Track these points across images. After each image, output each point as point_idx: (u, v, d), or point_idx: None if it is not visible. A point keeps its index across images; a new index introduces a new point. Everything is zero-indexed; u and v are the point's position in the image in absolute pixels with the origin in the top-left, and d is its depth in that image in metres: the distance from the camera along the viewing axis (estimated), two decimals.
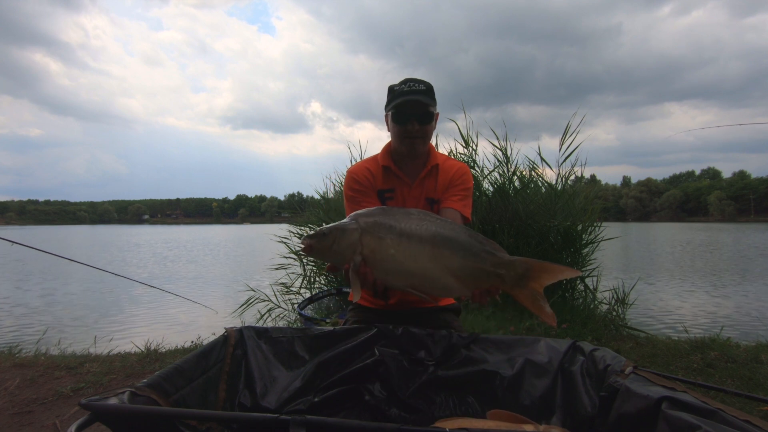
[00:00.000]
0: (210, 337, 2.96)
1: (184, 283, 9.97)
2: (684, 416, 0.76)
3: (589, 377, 1.09)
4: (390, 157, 1.47)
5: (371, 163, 1.52)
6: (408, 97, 1.37)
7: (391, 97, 1.42)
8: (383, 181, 1.48)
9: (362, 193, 1.45)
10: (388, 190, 1.47)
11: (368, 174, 1.48)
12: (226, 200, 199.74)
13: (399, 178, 1.46)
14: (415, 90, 1.38)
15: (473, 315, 3.26)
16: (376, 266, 0.99)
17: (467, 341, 1.30)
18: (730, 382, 2.35)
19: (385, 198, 1.47)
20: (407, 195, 1.47)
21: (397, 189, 1.47)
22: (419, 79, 1.43)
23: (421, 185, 1.47)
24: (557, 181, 4.24)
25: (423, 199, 1.47)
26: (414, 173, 1.47)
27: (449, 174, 1.47)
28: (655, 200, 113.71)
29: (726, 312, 6.04)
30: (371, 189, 1.47)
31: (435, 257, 0.98)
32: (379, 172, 1.48)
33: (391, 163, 1.46)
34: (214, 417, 0.80)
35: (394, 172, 1.46)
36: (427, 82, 1.42)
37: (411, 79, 1.41)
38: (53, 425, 1.95)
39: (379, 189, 1.48)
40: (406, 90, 1.38)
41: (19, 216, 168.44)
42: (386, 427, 0.68)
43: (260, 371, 1.26)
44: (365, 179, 1.47)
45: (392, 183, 1.47)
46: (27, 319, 6.15)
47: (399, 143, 1.42)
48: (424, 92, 1.39)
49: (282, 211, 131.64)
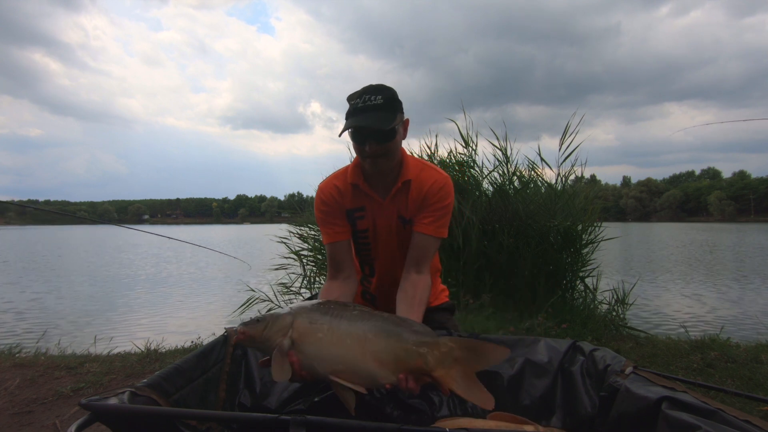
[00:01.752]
0: (210, 337, 2.96)
1: (185, 283, 9.97)
2: (684, 416, 0.76)
3: (589, 377, 1.09)
4: (359, 174, 1.35)
5: (341, 179, 1.39)
6: (363, 116, 1.22)
7: (347, 112, 1.26)
8: (352, 200, 1.37)
9: (329, 213, 1.37)
10: (357, 209, 1.38)
11: (335, 192, 1.37)
12: (226, 200, 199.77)
13: (368, 196, 1.35)
14: (371, 106, 1.21)
15: (473, 315, 3.26)
16: (304, 351, 0.95)
17: None
18: (730, 382, 2.35)
19: (355, 217, 1.38)
20: (378, 213, 1.36)
21: (368, 207, 1.37)
22: (378, 86, 1.25)
23: (393, 202, 1.35)
24: (557, 181, 4.24)
25: (395, 218, 1.37)
26: (385, 189, 1.35)
27: (422, 191, 1.34)
28: (655, 200, 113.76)
29: (726, 312, 6.04)
30: (338, 209, 1.37)
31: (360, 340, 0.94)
32: (348, 190, 1.36)
33: (360, 180, 1.34)
34: (214, 417, 0.80)
35: (363, 190, 1.34)
36: (388, 90, 1.25)
37: (368, 89, 1.24)
38: (53, 425, 1.95)
39: (348, 209, 1.38)
40: (361, 107, 1.22)
41: (19, 216, 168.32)
42: (386, 427, 0.69)
43: (260, 371, 1.26)
44: (332, 198, 1.37)
45: (362, 201, 1.37)
46: (27, 319, 6.16)
47: (361, 161, 1.31)
48: (381, 107, 1.22)
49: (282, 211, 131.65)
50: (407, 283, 1.31)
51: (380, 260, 1.44)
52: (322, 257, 4.71)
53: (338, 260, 1.38)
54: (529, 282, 3.83)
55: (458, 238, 3.67)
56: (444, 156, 4.44)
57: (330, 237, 1.37)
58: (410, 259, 1.34)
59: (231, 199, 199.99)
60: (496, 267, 3.81)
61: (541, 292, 3.74)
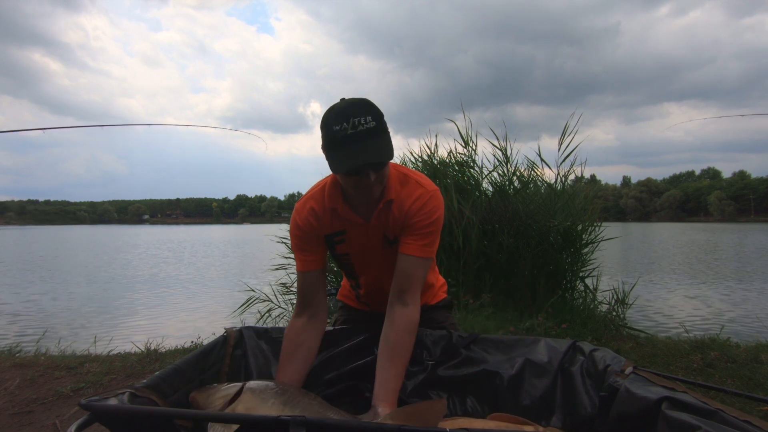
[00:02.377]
0: (210, 337, 2.95)
1: (185, 283, 9.97)
2: (684, 416, 0.76)
3: (589, 377, 1.09)
4: (338, 196, 1.20)
5: (318, 200, 1.23)
6: (356, 146, 1.03)
7: (330, 140, 1.06)
8: (331, 224, 1.23)
9: (303, 240, 1.24)
10: (337, 233, 1.25)
11: (311, 217, 1.23)
12: (226, 200, 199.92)
13: (349, 221, 1.21)
14: (363, 132, 1.03)
15: (473, 315, 3.26)
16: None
17: (467, 341, 1.30)
18: (730, 382, 2.35)
19: (334, 242, 1.26)
20: (361, 236, 1.24)
21: (349, 231, 1.24)
22: (361, 103, 1.07)
23: (378, 223, 1.22)
24: (557, 181, 4.24)
25: (380, 239, 1.25)
26: (368, 211, 1.21)
27: (403, 209, 1.19)
28: (655, 200, 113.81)
29: (726, 312, 6.04)
30: (314, 235, 1.24)
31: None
32: (326, 214, 1.22)
33: (339, 203, 1.19)
34: (215, 417, 0.80)
35: (343, 215, 1.20)
36: (372, 107, 1.07)
37: (351, 109, 1.04)
38: (53, 425, 1.95)
39: (326, 233, 1.25)
40: (351, 134, 1.02)
41: (19, 216, 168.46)
42: (386, 426, 0.69)
43: (260, 371, 1.26)
44: (307, 224, 1.23)
45: (342, 225, 1.23)
46: (27, 320, 6.16)
47: (351, 191, 1.15)
48: (375, 131, 1.04)
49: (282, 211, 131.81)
50: (388, 325, 1.18)
51: (366, 277, 1.36)
52: None
53: (307, 293, 1.26)
54: (529, 282, 3.83)
55: (458, 238, 3.68)
56: (444, 156, 4.45)
57: (301, 265, 1.25)
58: (395, 287, 1.20)
59: (231, 199, 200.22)
60: (496, 267, 3.81)
61: (541, 292, 3.74)
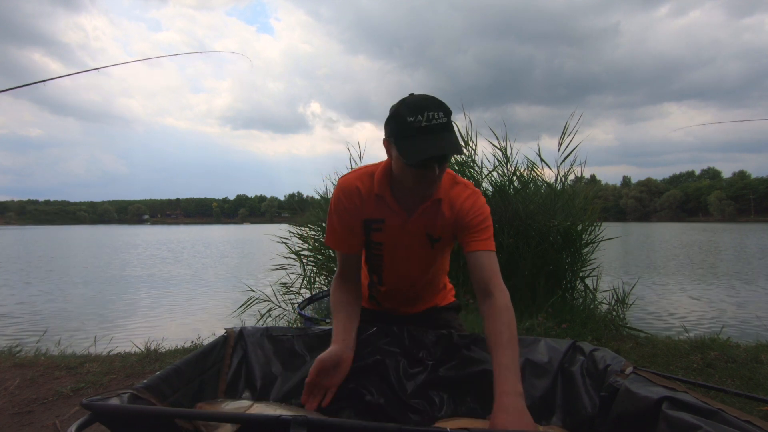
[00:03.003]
0: (210, 337, 2.96)
1: (185, 283, 9.97)
2: (684, 416, 0.76)
3: (589, 377, 1.09)
4: (386, 185, 1.22)
5: (365, 182, 1.25)
6: (430, 137, 1.04)
7: (403, 130, 1.07)
8: (373, 209, 1.24)
9: (346, 218, 1.25)
10: (376, 220, 1.25)
11: (356, 196, 1.24)
12: (226, 200, 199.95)
13: (392, 210, 1.23)
14: (437, 125, 1.05)
15: (473, 315, 3.26)
16: None
17: (467, 341, 1.30)
18: (730, 382, 2.35)
19: (372, 228, 1.26)
20: (399, 229, 1.25)
21: (388, 221, 1.24)
22: (435, 99, 1.08)
23: (420, 219, 1.23)
24: (557, 181, 4.24)
25: (423, 235, 1.26)
26: (413, 205, 1.22)
27: (455, 209, 1.23)
28: (655, 200, 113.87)
29: (726, 312, 6.04)
30: (357, 215, 1.25)
31: None
32: (371, 199, 1.23)
33: (388, 192, 1.21)
34: (216, 416, 0.80)
35: (388, 203, 1.22)
36: (446, 107, 1.08)
37: (427, 103, 1.06)
38: (53, 425, 1.95)
39: (366, 218, 1.25)
40: (426, 126, 1.04)
41: (19, 216, 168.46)
42: (387, 427, 0.68)
43: (260, 371, 1.26)
44: (352, 203, 1.24)
45: (383, 213, 1.24)
46: (27, 319, 6.16)
47: (411, 185, 1.15)
48: (447, 126, 1.06)
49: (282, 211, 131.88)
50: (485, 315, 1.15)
51: (392, 273, 1.35)
52: (322, 257, 4.71)
53: (349, 270, 1.32)
54: (529, 282, 3.83)
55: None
56: None
57: (342, 246, 1.29)
58: (479, 286, 1.18)
59: (231, 199, 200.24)
60: None
61: (541, 292, 3.74)
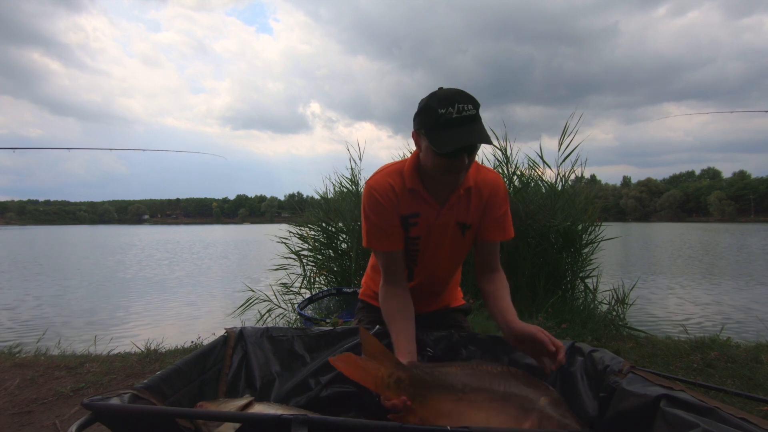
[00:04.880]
0: (210, 337, 2.95)
1: (185, 282, 9.97)
2: (682, 414, 0.77)
3: (588, 378, 1.10)
4: (417, 179, 1.25)
5: (395, 179, 1.27)
6: (461, 128, 1.08)
7: (433, 121, 1.11)
8: (408, 205, 1.27)
9: (385, 217, 1.26)
10: (412, 215, 1.27)
11: (391, 193, 1.26)
12: (226, 200, 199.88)
13: (426, 202, 1.26)
14: (467, 117, 1.08)
15: (473, 315, 3.27)
16: None
17: (467, 341, 1.30)
18: (730, 382, 2.35)
19: (409, 224, 1.28)
20: (434, 221, 1.28)
21: (423, 213, 1.27)
22: (464, 92, 1.11)
23: (451, 209, 1.27)
24: (557, 181, 4.25)
25: (453, 224, 1.29)
26: (444, 195, 1.26)
27: (483, 197, 1.28)
28: (655, 200, 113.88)
29: (726, 312, 6.04)
30: (395, 212, 1.26)
31: None
32: (405, 194, 1.26)
33: (420, 186, 1.25)
34: (216, 416, 0.80)
35: (422, 195, 1.25)
36: (474, 99, 1.12)
37: (456, 96, 1.10)
38: (53, 425, 1.95)
39: (403, 214, 1.27)
40: (456, 118, 1.08)
41: (19, 216, 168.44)
42: (388, 425, 0.69)
43: (260, 371, 1.26)
44: (388, 200, 1.25)
45: (418, 207, 1.27)
46: (27, 319, 6.16)
47: (439, 175, 1.18)
48: (476, 118, 1.10)
49: (282, 211, 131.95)
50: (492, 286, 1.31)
51: (424, 267, 1.38)
52: (322, 257, 4.72)
53: (393, 269, 1.30)
54: (529, 282, 3.83)
55: None
56: None
57: (384, 245, 1.27)
58: (484, 266, 1.35)
59: (231, 199, 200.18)
60: None
61: (541, 292, 3.75)
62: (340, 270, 4.45)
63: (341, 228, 4.61)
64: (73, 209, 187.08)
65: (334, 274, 4.47)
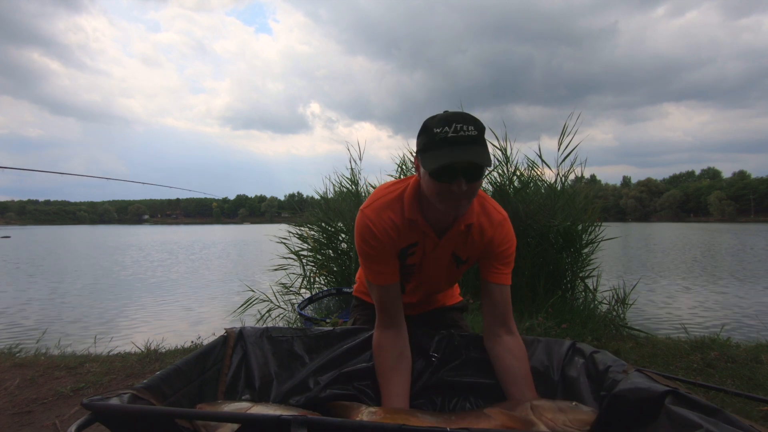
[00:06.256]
0: (210, 337, 2.95)
1: (185, 283, 9.97)
2: (686, 413, 0.76)
3: (589, 378, 1.09)
4: (417, 208, 1.18)
5: (395, 209, 1.20)
6: (459, 148, 1.01)
7: (429, 141, 1.05)
8: (407, 236, 1.21)
9: (382, 252, 1.20)
10: (410, 245, 1.23)
11: (391, 229, 1.19)
12: (226, 200, 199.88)
13: (424, 233, 1.20)
14: (466, 137, 1.01)
15: (473, 315, 3.26)
16: None
17: (468, 342, 1.30)
18: (730, 382, 2.35)
19: (407, 254, 1.24)
20: (430, 251, 1.23)
21: (421, 243, 1.22)
22: (466, 114, 1.04)
23: (449, 241, 1.22)
24: (557, 181, 4.24)
25: (449, 255, 1.26)
26: (443, 227, 1.21)
27: (486, 236, 1.22)
28: (655, 200, 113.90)
29: (726, 312, 6.04)
30: (392, 248, 1.21)
31: None
32: (405, 225, 1.19)
33: (419, 216, 1.18)
34: (216, 416, 0.80)
35: (421, 226, 1.19)
36: (479, 122, 1.04)
37: (455, 116, 1.03)
38: (53, 425, 1.95)
39: (402, 247, 1.22)
40: (453, 137, 1.01)
41: (19, 216, 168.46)
42: (388, 426, 0.69)
43: (260, 371, 1.26)
44: (387, 236, 1.19)
45: (416, 237, 1.22)
46: (27, 319, 6.16)
47: (437, 202, 1.10)
48: (476, 140, 1.02)
49: (282, 211, 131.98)
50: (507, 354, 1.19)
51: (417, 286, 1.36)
52: (321, 257, 4.71)
53: (389, 306, 1.22)
54: (529, 282, 3.83)
55: None
56: None
57: (381, 279, 1.22)
58: (496, 317, 1.23)
59: (231, 199, 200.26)
60: None
61: (541, 292, 3.74)
62: (339, 270, 4.45)
63: (341, 228, 4.61)
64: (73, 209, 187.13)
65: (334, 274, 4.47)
